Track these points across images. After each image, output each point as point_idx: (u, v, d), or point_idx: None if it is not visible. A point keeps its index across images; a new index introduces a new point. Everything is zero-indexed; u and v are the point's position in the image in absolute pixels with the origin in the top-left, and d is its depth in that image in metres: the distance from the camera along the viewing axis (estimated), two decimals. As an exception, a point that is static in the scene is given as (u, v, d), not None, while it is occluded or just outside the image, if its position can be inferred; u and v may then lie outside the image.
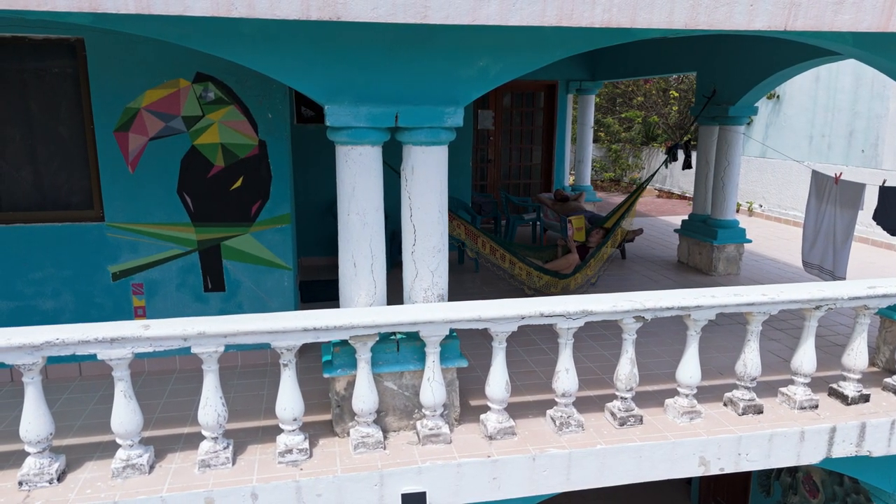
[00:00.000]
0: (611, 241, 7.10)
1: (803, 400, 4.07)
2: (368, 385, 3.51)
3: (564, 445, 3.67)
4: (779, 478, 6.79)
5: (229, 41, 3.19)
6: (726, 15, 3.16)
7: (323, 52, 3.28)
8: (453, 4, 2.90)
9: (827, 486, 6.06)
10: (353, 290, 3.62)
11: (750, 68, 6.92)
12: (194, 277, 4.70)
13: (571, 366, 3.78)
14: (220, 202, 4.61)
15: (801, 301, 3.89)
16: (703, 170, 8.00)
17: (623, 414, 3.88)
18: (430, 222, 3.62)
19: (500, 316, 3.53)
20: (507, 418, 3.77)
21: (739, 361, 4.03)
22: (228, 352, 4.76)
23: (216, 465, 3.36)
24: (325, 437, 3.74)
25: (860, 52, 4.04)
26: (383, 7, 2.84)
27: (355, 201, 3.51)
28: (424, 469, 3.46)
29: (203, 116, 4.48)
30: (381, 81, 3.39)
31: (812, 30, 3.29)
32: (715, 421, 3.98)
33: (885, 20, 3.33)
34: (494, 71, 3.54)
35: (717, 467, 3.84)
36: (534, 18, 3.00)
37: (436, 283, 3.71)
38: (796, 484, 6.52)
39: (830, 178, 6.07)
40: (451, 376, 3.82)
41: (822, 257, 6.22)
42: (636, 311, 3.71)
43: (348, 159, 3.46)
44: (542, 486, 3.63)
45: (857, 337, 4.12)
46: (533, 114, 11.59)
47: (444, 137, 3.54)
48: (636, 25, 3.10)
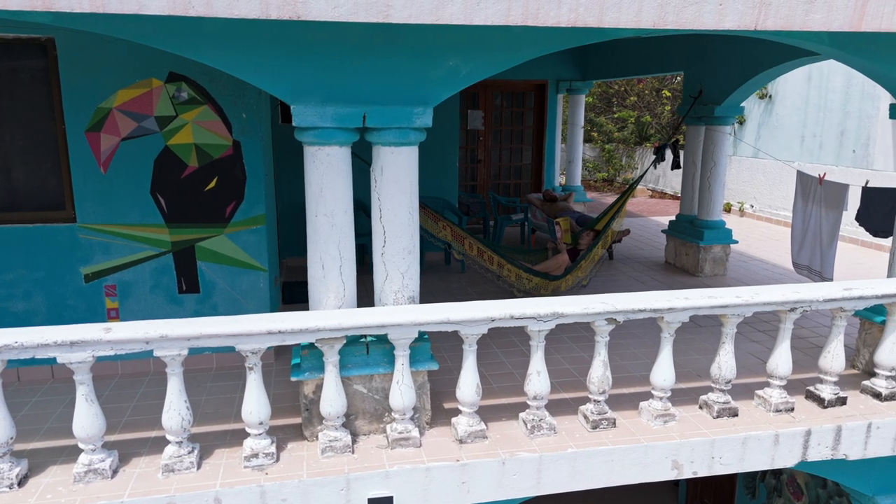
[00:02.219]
0: (601, 243, 7.06)
1: (779, 403, 4.04)
2: (336, 388, 3.47)
3: (535, 449, 3.63)
4: (764, 480, 6.76)
5: (193, 40, 3.16)
6: (695, 14, 3.12)
7: (288, 51, 3.24)
8: (416, 4, 2.86)
9: (811, 488, 6.02)
10: (322, 292, 3.58)
11: (735, 68, 6.89)
12: (168, 279, 4.66)
13: (543, 368, 3.74)
14: (193, 203, 4.56)
15: (776, 303, 3.85)
16: (690, 170, 7.97)
17: (596, 417, 3.84)
18: (399, 224, 3.58)
19: (468, 318, 3.49)
20: (478, 421, 3.73)
21: (714, 364, 4.00)
22: (204, 354, 4.77)
23: (180, 469, 3.32)
24: (295, 441, 3.70)
25: (837, 51, 4.00)
26: (344, 6, 2.80)
27: (323, 202, 3.47)
28: (392, 473, 3.42)
29: (176, 116, 4.44)
30: (349, 81, 3.36)
31: (783, 29, 3.25)
32: (689, 424, 3.94)
33: (857, 19, 3.29)
34: (465, 71, 3.50)
35: (691, 471, 3.81)
36: (499, 18, 2.96)
37: (406, 286, 3.67)
38: (781, 486, 6.49)
39: (815, 178, 6.05)
40: (422, 379, 3.78)
41: (811, 258, 6.20)
42: (608, 314, 3.67)
43: (315, 160, 3.42)
44: (512, 491, 3.59)
45: (833, 339, 4.09)
46: (523, 114, 11.55)
47: (413, 138, 3.50)
48: (603, 25, 3.06)
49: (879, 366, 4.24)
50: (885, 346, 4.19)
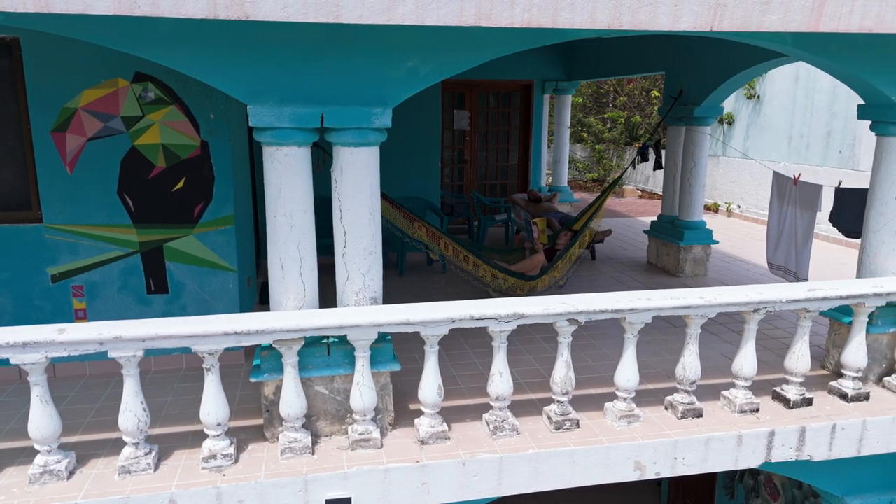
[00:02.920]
0: (578, 243, 7.06)
1: (744, 403, 4.04)
2: (295, 390, 3.46)
3: (496, 450, 3.63)
4: (742, 480, 6.76)
5: (149, 41, 3.14)
6: (650, 16, 3.11)
7: (245, 51, 3.23)
8: (367, 4, 2.85)
9: (787, 489, 6.03)
10: (282, 293, 3.57)
11: (713, 69, 6.89)
12: (136, 279, 4.64)
13: (506, 369, 3.74)
14: (161, 203, 4.55)
15: (739, 304, 3.85)
16: (672, 170, 7.97)
17: (559, 418, 3.84)
18: (360, 224, 3.57)
19: (429, 319, 3.49)
20: (440, 423, 3.72)
21: (679, 365, 4.00)
22: (173, 354, 4.76)
23: (137, 471, 3.31)
24: (256, 442, 3.69)
25: (802, 53, 4.00)
26: (294, 6, 2.79)
27: (282, 203, 3.46)
28: (350, 475, 3.41)
29: (143, 117, 4.42)
30: (307, 82, 3.35)
31: (740, 30, 3.25)
32: (654, 425, 3.94)
33: (814, 20, 3.29)
34: (424, 71, 3.49)
35: (653, 472, 3.81)
36: (451, 18, 2.95)
37: (368, 286, 3.66)
38: (758, 487, 6.50)
39: (790, 179, 6.05)
40: (385, 380, 3.77)
41: (786, 259, 6.20)
42: (569, 314, 3.67)
43: (274, 160, 3.41)
44: (472, 492, 3.58)
45: (798, 340, 4.09)
46: (509, 114, 11.55)
47: (372, 138, 3.49)
48: (557, 25, 3.05)
49: (846, 367, 4.24)
50: (851, 347, 4.20)
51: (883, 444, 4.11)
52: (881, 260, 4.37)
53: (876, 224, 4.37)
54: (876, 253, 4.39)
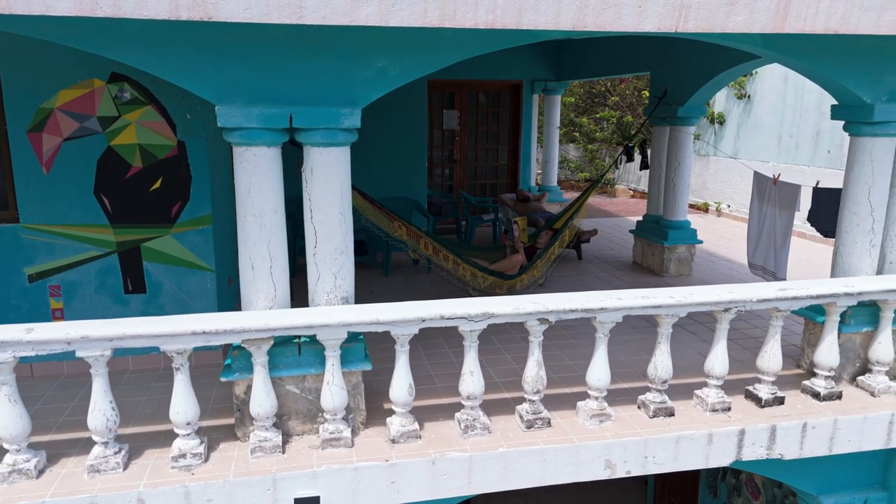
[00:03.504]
0: (558, 242, 7.09)
1: (715, 402, 4.06)
2: (265, 389, 3.48)
3: (467, 449, 3.65)
4: (724, 479, 6.79)
5: (114, 41, 3.16)
6: (615, 17, 3.13)
7: (212, 52, 3.24)
8: (330, 5, 2.86)
9: (767, 488, 6.06)
10: (252, 292, 3.58)
11: (695, 70, 6.91)
12: (114, 279, 4.65)
13: (477, 369, 3.76)
14: (138, 203, 4.56)
15: (710, 303, 3.88)
16: (657, 170, 7.99)
17: (530, 417, 3.86)
18: (330, 224, 3.59)
19: (398, 319, 3.50)
20: (411, 422, 3.74)
21: (651, 364, 4.02)
22: (151, 354, 4.77)
23: (106, 470, 3.33)
24: (228, 441, 3.71)
25: (773, 53, 4.02)
26: (256, 7, 2.80)
27: (251, 203, 3.47)
28: (319, 473, 3.43)
29: (119, 117, 4.43)
30: (275, 82, 3.36)
31: (704, 31, 3.27)
32: (626, 423, 3.96)
33: (780, 21, 3.31)
34: (394, 72, 3.51)
35: (624, 470, 3.83)
36: (415, 19, 2.97)
37: (339, 286, 3.68)
38: (740, 485, 6.52)
39: (770, 179, 6.07)
40: (356, 380, 3.79)
41: (765, 258, 6.23)
42: (539, 314, 3.69)
43: (243, 160, 3.43)
44: (442, 490, 3.60)
45: (770, 339, 4.11)
46: (499, 114, 11.57)
47: (342, 139, 3.51)
48: (522, 27, 3.07)
49: (818, 366, 4.27)
50: (823, 347, 4.22)
51: (854, 443, 4.13)
52: (854, 260, 4.40)
53: (849, 224, 4.39)
54: (849, 253, 4.42)
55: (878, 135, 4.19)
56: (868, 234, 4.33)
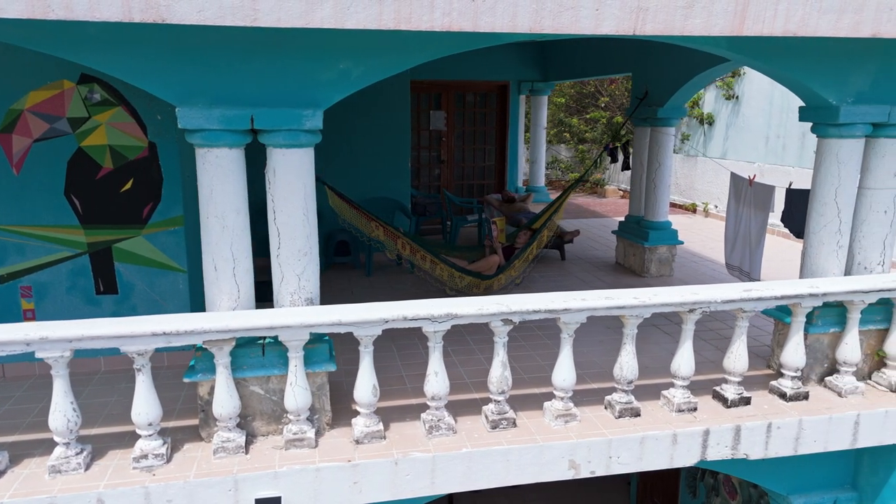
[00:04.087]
0: (536, 243, 7.11)
1: (681, 403, 4.08)
2: (227, 390, 3.49)
3: (430, 449, 3.66)
4: (703, 479, 6.81)
5: (73, 43, 3.16)
6: (572, 19, 3.15)
7: (172, 53, 3.25)
8: (284, 8, 2.88)
9: (744, 487, 6.08)
10: (216, 293, 3.59)
11: (675, 71, 6.94)
12: (85, 280, 4.66)
13: (441, 369, 3.77)
14: (109, 204, 4.57)
15: (674, 304, 3.89)
16: (639, 171, 8.01)
17: (495, 417, 3.87)
18: (293, 225, 3.60)
19: (361, 320, 3.52)
20: (375, 422, 3.75)
21: (616, 364, 4.03)
22: (124, 354, 4.77)
23: (67, 470, 3.33)
24: (192, 442, 3.71)
25: (738, 56, 4.04)
26: (210, 10, 2.81)
27: (213, 204, 3.48)
28: (281, 474, 3.44)
29: (89, 118, 4.44)
30: (236, 84, 3.37)
31: (663, 34, 3.29)
32: (591, 424, 3.97)
33: (738, 24, 3.33)
34: (356, 74, 3.52)
35: (588, 470, 3.84)
36: (370, 22, 2.98)
37: (303, 287, 3.69)
38: (718, 485, 6.55)
39: (746, 180, 6.10)
40: (321, 381, 3.80)
41: (742, 259, 6.25)
42: (503, 315, 3.70)
43: (205, 161, 3.44)
44: (405, 490, 3.61)
45: (736, 340, 4.13)
46: (486, 114, 11.59)
47: (304, 140, 3.52)
48: (479, 29, 3.09)
49: (785, 366, 4.29)
50: (790, 347, 4.24)
51: (820, 444, 4.15)
52: (821, 261, 4.42)
53: (816, 225, 4.41)
54: (816, 253, 4.44)
55: (844, 136, 4.21)
56: (835, 235, 4.35)
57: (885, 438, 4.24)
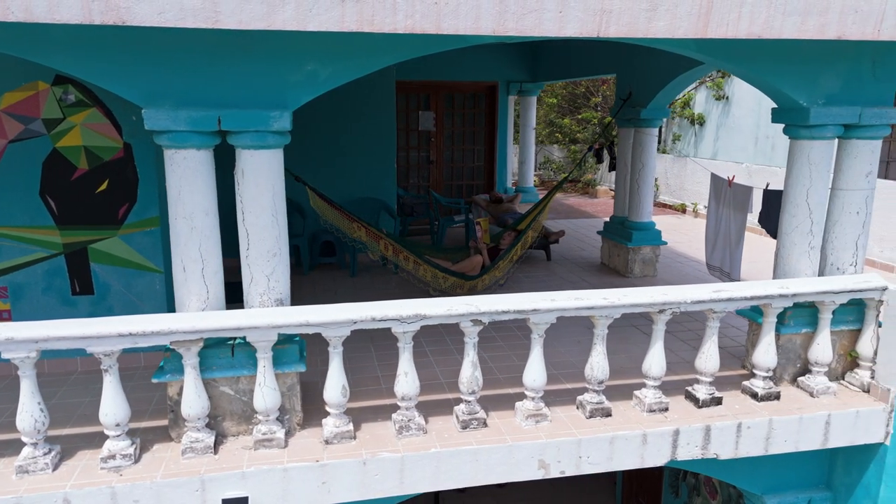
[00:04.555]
0: (521, 243, 7.12)
1: (653, 403, 4.09)
2: (196, 390, 3.50)
3: (399, 449, 3.67)
4: (685, 479, 6.84)
5: (39, 45, 3.17)
6: (535, 22, 3.16)
7: (139, 55, 3.26)
8: (246, 10, 2.89)
9: (723, 487, 6.10)
10: (185, 294, 3.60)
11: (657, 72, 6.96)
12: (61, 280, 4.67)
13: (411, 370, 3.78)
14: (85, 205, 4.58)
15: (644, 305, 3.91)
16: (623, 172, 8.03)
17: (466, 417, 3.89)
18: (262, 226, 3.61)
19: (329, 321, 3.53)
20: (345, 423, 3.76)
21: (587, 365, 4.05)
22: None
23: (34, 470, 3.34)
24: (162, 442, 3.72)
25: (709, 58, 4.06)
26: (170, 12, 2.82)
27: (181, 205, 3.49)
28: (249, 474, 3.45)
29: (64, 119, 4.45)
30: (203, 85, 3.38)
31: (627, 36, 3.30)
32: (562, 424, 3.99)
33: (702, 27, 3.35)
34: (324, 75, 3.53)
35: (558, 470, 3.86)
36: (333, 24, 2.99)
37: (272, 288, 3.70)
38: (699, 485, 6.57)
39: (725, 180, 6.12)
40: (291, 381, 3.81)
41: (722, 259, 6.27)
42: (472, 315, 3.72)
43: (173, 163, 3.45)
44: (374, 490, 3.63)
45: (707, 340, 4.15)
46: (475, 115, 11.60)
47: (272, 141, 3.53)
48: (442, 31, 3.10)
49: (756, 366, 4.31)
50: (761, 348, 4.26)
51: (791, 444, 4.17)
52: (793, 261, 4.44)
53: (788, 226, 4.43)
54: (789, 254, 4.46)
55: (815, 138, 4.23)
56: (807, 236, 4.37)
57: (857, 438, 4.26)
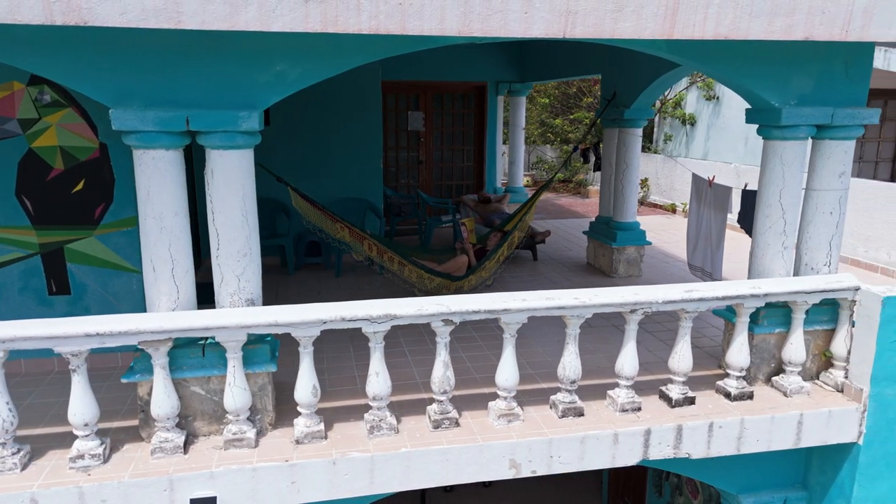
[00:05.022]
0: (507, 244, 7.13)
1: (625, 402, 4.11)
2: (165, 390, 3.51)
3: (369, 449, 3.68)
4: (668, 479, 6.85)
5: (5, 45, 3.17)
6: (501, 23, 3.17)
7: (105, 55, 3.27)
8: (208, 10, 2.89)
9: (704, 487, 6.12)
10: (155, 294, 3.61)
11: (639, 72, 6.97)
12: (37, 280, 4.67)
13: (382, 370, 3.79)
14: (61, 205, 4.58)
15: (615, 305, 3.92)
16: (608, 172, 8.05)
17: (438, 417, 3.90)
18: (232, 226, 3.62)
19: (298, 321, 3.54)
20: (316, 422, 3.77)
21: (560, 365, 4.06)
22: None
23: (3, 470, 3.35)
24: (133, 442, 3.73)
25: (681, 58, 4.07)
26: (132, 12, 2.83)
27: (151, 205, 3.50)
28: (217, 474, 3.45)
29: (40, 119, 4.45)
30: (171, 85, 3.39)
31: (593, 37, 3.31)
32: (534, 423, 4.00)
33: (668, 27, 3.36)
34: (293, 76, 3.54)
35: (529, 470, 3.87)
36: (297, 24, 3.00)
37: (243, 288, 3.71)
38: (681, 485, 6.59)
39: (706, 181, 6.13)
40: (263, 381, 3.82)
41: (703, 259, 6.29)
42: (442, 315, 3.73)
43: (142, 163, 3.45)
44: (344, 490, 3.64)
45: (679, 340, 4.16)
46: (464, 115, 11.62)
47: (241, 142, 3.53)
48: (407, 32, 3.11)
49: (730, 366, 4.32)
50: (734, 347, 4.27)
51: (763, 443, 4.18)
52: (767, 261, 4.45)
53: (762, 226, 4.45)
54: (763, 254, 4.47)
55: (788, 138, 4.24)
56: (780, 236, 4.39)
57: (830, 438, 4.28)
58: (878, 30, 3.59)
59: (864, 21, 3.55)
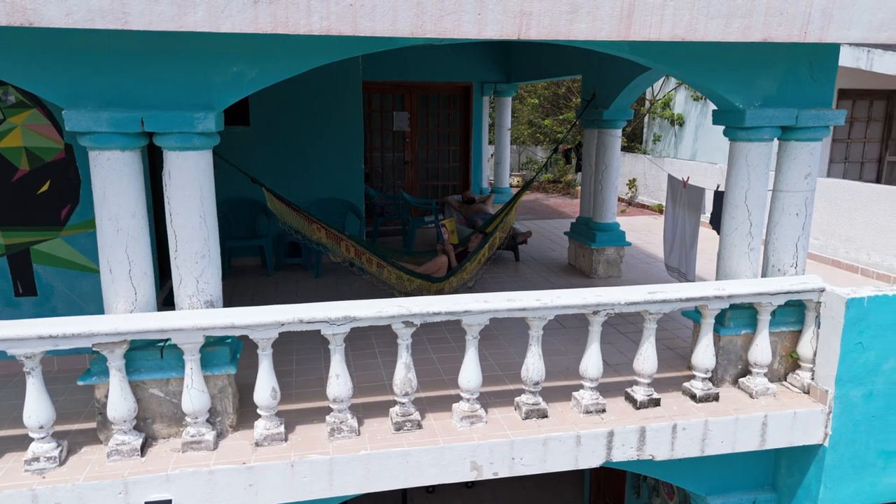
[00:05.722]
0: (488, 245, 7.12)
1: (589, 404, 4.10)
2: (121, 393, 3.49)
3: (329, 451, 3.67)
4: (646, 480, 6.85)
5: (-43, 46, 3.16)
6: (454, 23, 3.16)
7: (56, 56, 3.25)
8: (156, 11, 2.88)
9: (680, 488, 6.11)
10: (112, 296, 3.59)
11: (617, 73, 6.96)
12: (4, 282, 4.65)
13: (343, 371, 3.78)
14: (26, 206, 4.56)
15: (577, 306, 3.91)
16: (588, 173, 8.04)
17: (399, 419, 3.88)
18: (190, 228, 3.60)
19: (255, 323, 3.52)
20: (276, 424, 3.76)
21: (523, 366, 4.05)
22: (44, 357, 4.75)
23: (-44, 473, 3.33)
24: (91, 445, 3.71)
25: (645, 60, 4.07)
26: (78, 13, 2.81)
27: (106, 207, 3.48)
28: (173, 476, 3.44)
29: (4, 120, 4.43)
30: (125, 86, 3.37)
31: (548, 38, 3.30)
32: (497, 425, 3.99)
33: (624, 29, 3.35)
34: (250, 76, 3.53)
35: (491, 472, 3.86)
36: (246, 25, 2.99)
37: (201, 290, 3.69)
38: (658, 486, 6.58)
39: (680, 182, 6.13)
40: (223, 383, 3.80)
41: (679, 260, 6.28)
42: (403, 317, 3.71)
43: (97, 164, 3.44)
44: (303, 493, 3.62)
45: (644, 342, 4.15)
46: (450, 116, 11.61)
47: (198, 143, 3.52)
48: (359, 33, 3.10)
49: (695, 368, 4.31)
50: (699, 349, 4.27)
51: (728, 445, 4.17)
52: (734, 263, 4.45)
53: (729, 228, 4.44)
54: (729, 255, 4.47)
55: (753, 140, 4.24)
56: (746, 238, 4.38)
57: (795, 440, 4.27)
58: (837, 31, 3.58)
59: (824, 22, 3.55)
